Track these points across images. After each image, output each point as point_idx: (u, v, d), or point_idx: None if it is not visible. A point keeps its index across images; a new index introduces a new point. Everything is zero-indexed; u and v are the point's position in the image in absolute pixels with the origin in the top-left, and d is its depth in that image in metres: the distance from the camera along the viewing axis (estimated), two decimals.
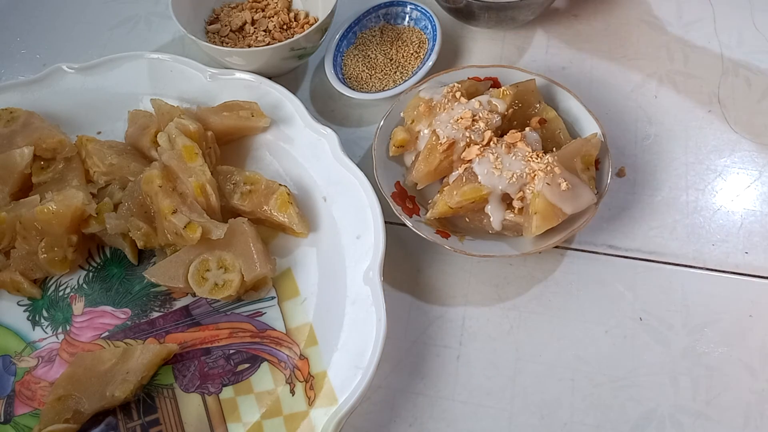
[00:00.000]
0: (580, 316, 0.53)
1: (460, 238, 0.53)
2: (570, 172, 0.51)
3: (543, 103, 0.57)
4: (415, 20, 0.68)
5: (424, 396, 0.51)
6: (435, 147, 0.54)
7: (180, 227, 0.50)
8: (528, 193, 0.51)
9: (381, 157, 0.56)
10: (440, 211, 0.53)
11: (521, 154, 0.52)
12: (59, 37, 0.75)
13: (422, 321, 0.54)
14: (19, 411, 0.51)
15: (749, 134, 0.61)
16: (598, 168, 0.55)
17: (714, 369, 0.50)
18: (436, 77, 0.60)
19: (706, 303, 0.52)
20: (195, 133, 0.55)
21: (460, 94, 0.56)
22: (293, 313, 0.53)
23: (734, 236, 0.56)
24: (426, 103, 0.56)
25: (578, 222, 0.51)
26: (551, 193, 0.50)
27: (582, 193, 0.51)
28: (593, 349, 0.51)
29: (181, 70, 0.63)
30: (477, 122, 0.54)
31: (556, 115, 0.57)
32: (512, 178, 0.51)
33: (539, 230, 0.50)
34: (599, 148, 0.54)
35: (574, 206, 0.51)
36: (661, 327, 0.52)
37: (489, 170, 0.51)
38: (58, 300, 0.55)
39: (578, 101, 0.57)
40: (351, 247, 0.53)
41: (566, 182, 0.50)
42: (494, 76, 0.60)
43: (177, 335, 0.53)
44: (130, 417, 0.50)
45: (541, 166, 0.51)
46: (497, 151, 0.52)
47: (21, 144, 0.57)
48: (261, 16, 0.68)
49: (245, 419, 0.49)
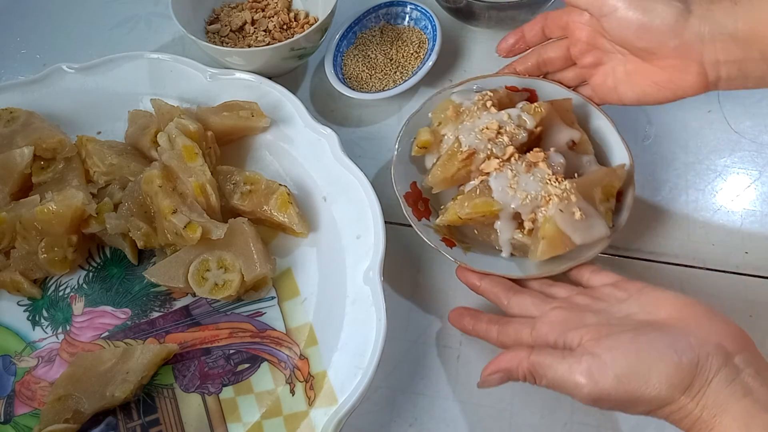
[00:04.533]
0: None
1: (465, 249, 0.52)
2: (587, 201, 0.49)
3: (576, 124, 0.55)
4: (415, 20, 0.68)
5: (424, 396, 0.51)
6: (455, 154, 0.52)
7: (180, 227, 0.50)
8: (540, 216, 0.49)
9: (402, 154, 0.55)
10: (449, 220, 0.51)
11: (540, 176, 0.50)
12: (59, 37, 0.75)
13: (422, 321, 0.54)
14: (19, 411, 0.51)
15: (749, 134, 0.61)
16: (620, 200, 0.52)
17: None
18: (472, 81, 0.58)
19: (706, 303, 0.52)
20: (195, 133, 0.55)
21: (491, 103, 0.53)
22: (293, 313, 0.53)
23: (734, 236, 0.56)
24: (455, 108, 0.54)
25: (587, 253, 0.49)
26: (563, 220, 0.48)
27: (595, 224, 0.49)
28: None
29: (181, 70, 0.63)
30: (501, 135, 0.52)
31: (587, 139, 0.54)
32: (526, 199, 0.49)
33: (544, 256, 0.48)
34: (623, 181, 0.51)
35: (584, 237, 0.48)
36: None
37: (504, 187, 0.50)
38: (58, 300, 0.55)
39: (612, 126, 0.54)
40: (351, 247, 0.53)
41: (580, 211, 0.48)
42: (532, 87, 0.57)
43: (177, 335, 0.53)
44: (130, 417, 0.50)
45: (558, 191, 0.48)
46: (516, 169, 0.50)
47: (21, 144, 0.57)
48: (261, 16, 0.68)
49: (245, 419, 0.49)
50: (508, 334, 0.45)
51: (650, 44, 0.47)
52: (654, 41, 0.46)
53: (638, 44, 0.47)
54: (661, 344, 0.38)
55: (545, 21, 0.55)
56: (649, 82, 0.49)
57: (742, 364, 0.38)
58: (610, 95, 0.53)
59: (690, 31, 0.45)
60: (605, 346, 0.39)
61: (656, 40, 0.46)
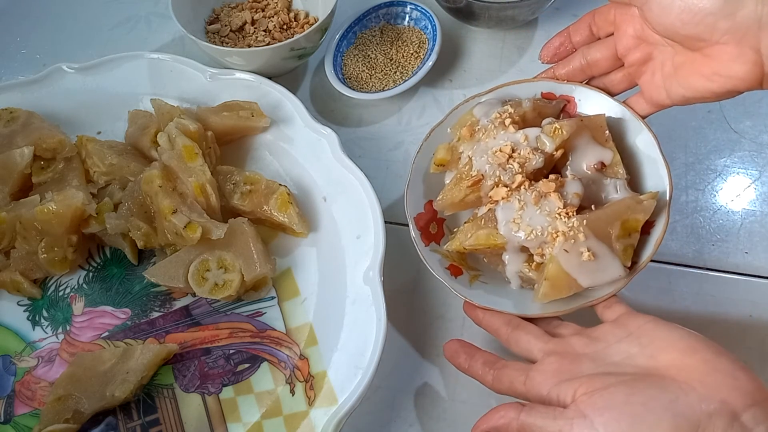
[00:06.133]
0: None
1: (472, 279, 0.49)
2: (599, 238, 0.44)
3: (611, 142, 0.49)
4: (415, 20, 0.68)
5: (424, 396, 0.51)
6: (462, 179, 0.49)
7: (180, 227, 0.50)
8: (548, 251, 0.45)
9: (418, 170, 0.52)
10: (455, 248, 0.49)
11: (549, 209, 0.45)
12: (59, 37, 0.75)
13: (422, 321, 0.54)
14: (19, 411, 0.51)
15: (749, 134, 0.61)
16: (649, 232, 0.46)
17: None
18: (504, 88, 0.53)
19: (706, 303, 0.53)
20: (195, 133, 0.55)
21: (509, 121, 0.49)
22: (293, 313, 0.53)
23: (734, 236, 0.56)
24: (470, 127, 0.51)
25: (598, 293, 0.45)
26: (567, 261, 0.44)
27: (607, 266, 0.44)
28: None
29: (181, 70, 0.63)
30: (513, 160, 0.47)
31: (619, 161, 0.48)
32: (531, 235, 0.45)
33: (545, 299, 0.45)
34: (650, 213, 0.45)
35: (593, 279, 0.44)
36: None
37: (509, 220, 0.46)
38: (58, 300, 0.55)
39: (655, 142, 0.48)
40: (351, 247, 0.53)
41: (589, 252, 0.44)
42: (571, 95, 0.52)
43: (177, 335, 0.53)
44: (130, 417, 0.50)
45: (565, 228, 0.44)
46: (525, 199, 0.46)
47: (21, 144, 0.57)
48: (261, 16, 0.68)
49: (245, 419, 0.49)
50: (502, 382, 0.43)
51: (698, 29, 0.40)
52: (702, 25, 0.40)
53: (684, 31, 0.41)
54: (658, 405, 0.35)
55: (593, 18, 0.50)
56: (697, 75, 0.43)
57: (751, 422, 0.34)
58: (659, 94, 0.47)
59: (745, 11, 0.38)
60: (598, 407, 0.36)
61: (704, 24, 0.40)
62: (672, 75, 0.45)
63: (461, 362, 0.46)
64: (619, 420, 0.35)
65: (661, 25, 0.43)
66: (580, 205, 0.47)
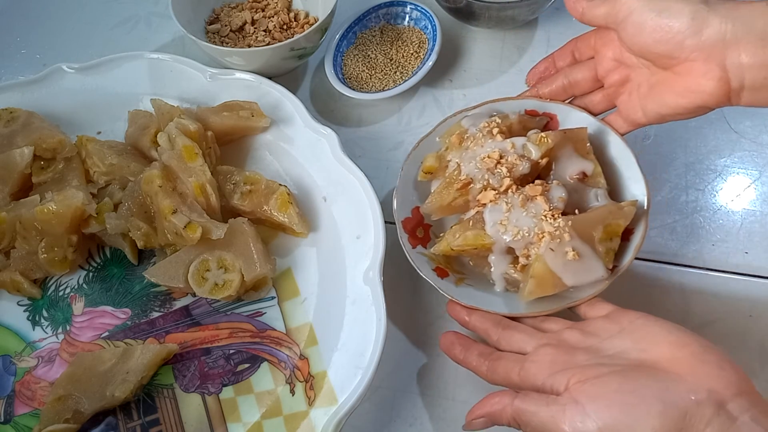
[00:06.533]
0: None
1: (458, 281, 0.50)
2: (584, 240, 0.46)
3: (591, 154, 0.51)
4: (415, 20, 0.68)
5: (424, 396, 0.51)
6: (452, 183, 0.51)
7: (180, 227, 0.50)
8: (533, 252, 0.47)
9: (406, 178, 0.54)
10: (442, 250, 0.50)
11: (535, 211, 0.47)
12: (59, 37, 0.75)
13: (422, 321, 0.54)
14: (19, 411, 0.51)
15: (749, 134, 0.61)
16: (629, 239, 0.48)
17: None
18: (490, 104, 0.55)
19: (706, 303, 0.53)
20: (195, 133, 0.55)
21: (497, 131, 0.51)
22: (293, 313, 0.53)
23: (734, 236, 0.56)
24: (459, 135, 0.53)
25: (582, 294, 0.47)
26: (553, 260, 0.45)
27: (591, 267, 0.46)
28: None
29: (181, 70, 0.63)
30: (501, 165, 0.49)
31: (600, 172, 0.51)
32: (518, 235, 0.47)
33: (531, 296, 0.46)
34: (630, 219, 0.48)
35: (577, 279, 0.46)
36: None
37: (496, 221, 0.48)
38: (58, 300, 0.55)
39: (633, 156, 0.50)
40: (351, 247, 0.53)
41: (574, 252, 0.45)
42: (553, 112, 0.55)
43: (177, 335, 0.53)
44: (130, 417, 0.50)
45: (551, 228, 0.46)
46: (512, 202, 0.48)
47: (21, 144, 0.57)
48: (261, 16, 0.68)
49: (245, 419, 0.49)
50: (497, 372, 0.44)
51: (668, 47, 0.43)
52: (671, 43, 0.43)
53: (656, 49, 0.44)
54: (648, 394, 0.36)
55: (576, 45, 0.53)
56: (670, 93, 0.46)
57: (737, 411, 0.35)
58: (635, 113, 0.49)
59: (710, 30, 0.41)
60: (591, 395, 0.38)
61: (674, 42, 0.43)
62: (647, 95, 0.48)
63: (456, 353, 0.47)
64: (611, 407, 0.37)
65: (636, 45, 0.46)
66: (564, 210, 0.48)
